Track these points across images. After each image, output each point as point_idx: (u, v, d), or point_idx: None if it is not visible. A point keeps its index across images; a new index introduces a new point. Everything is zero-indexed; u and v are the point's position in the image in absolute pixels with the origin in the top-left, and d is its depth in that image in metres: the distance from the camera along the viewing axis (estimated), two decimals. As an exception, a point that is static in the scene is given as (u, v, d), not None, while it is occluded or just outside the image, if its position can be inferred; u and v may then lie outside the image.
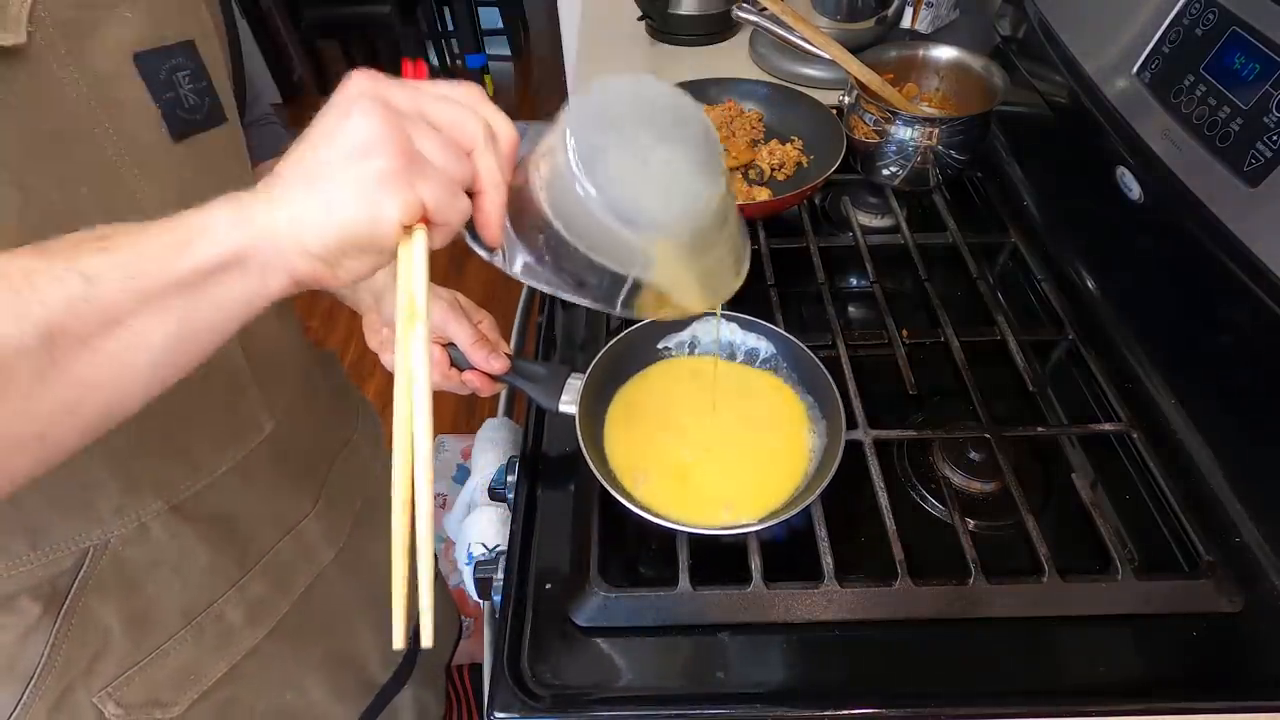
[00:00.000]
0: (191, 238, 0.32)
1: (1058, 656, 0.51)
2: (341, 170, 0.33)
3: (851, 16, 1.05)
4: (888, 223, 0.84)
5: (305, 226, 0.33)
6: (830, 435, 0.57)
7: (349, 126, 0.33)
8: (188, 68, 0.49)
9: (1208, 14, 0.57)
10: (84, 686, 0.55)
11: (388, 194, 0.33)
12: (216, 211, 0.33)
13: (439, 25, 3.16)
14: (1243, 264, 0.52)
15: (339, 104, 0.35)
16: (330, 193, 0.33)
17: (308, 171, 0.34)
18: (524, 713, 0.48)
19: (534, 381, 0.58)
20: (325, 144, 0.34)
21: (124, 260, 0.31)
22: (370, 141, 0.33)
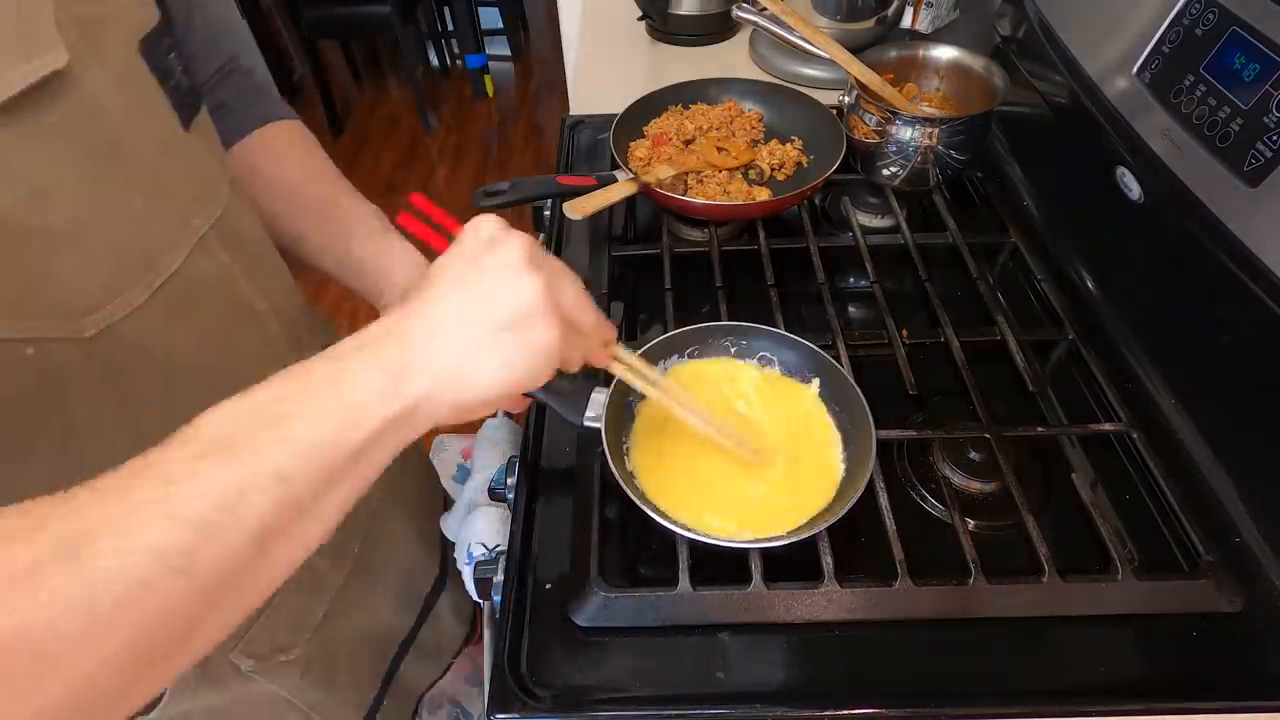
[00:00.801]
0: (360, 414, 0.33)
1: (1058, 656, 0.51)
2: (511, 338, 0.36)
3: (851, 16, 1.05)
4: (888, 223, 0.85)
5: (468, 388, 0.36)
6: (859, 461, 0.56)
7: (516, 293, 0.37)
8: (174, 45, 0.47)
9: (1208, 14, 0.57)
10: (219, 650, 0.60)
11: (550, 362, 0.38)
12: (370, 373, 0.34)
13: (439, 25, 3.17)
14: (1243, 264, 0.52)
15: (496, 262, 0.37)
16: (500, 360, 0.36)
17: (470, 332, 0.36)
18: (524, 713, 0.48)
19: (559, 395, 0.57)
20: (487, 306, 0.36)
21: (308, 453, 0.32)
22: (538, 312, 0.37)
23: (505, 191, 0.75)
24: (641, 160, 0.85)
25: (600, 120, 0.98)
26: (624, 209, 0.87)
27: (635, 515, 0.52)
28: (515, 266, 0.37)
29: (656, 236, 0.81)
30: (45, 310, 0.39)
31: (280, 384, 0.33)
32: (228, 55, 0.63)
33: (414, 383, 0.35)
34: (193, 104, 0.49)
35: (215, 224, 0.50)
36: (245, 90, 0.65)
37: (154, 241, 0.45)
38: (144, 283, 0.44)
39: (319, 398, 0.33)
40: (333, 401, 0.33)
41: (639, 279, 0.80)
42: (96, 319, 0.42)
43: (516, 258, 0.37)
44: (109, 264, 0.42)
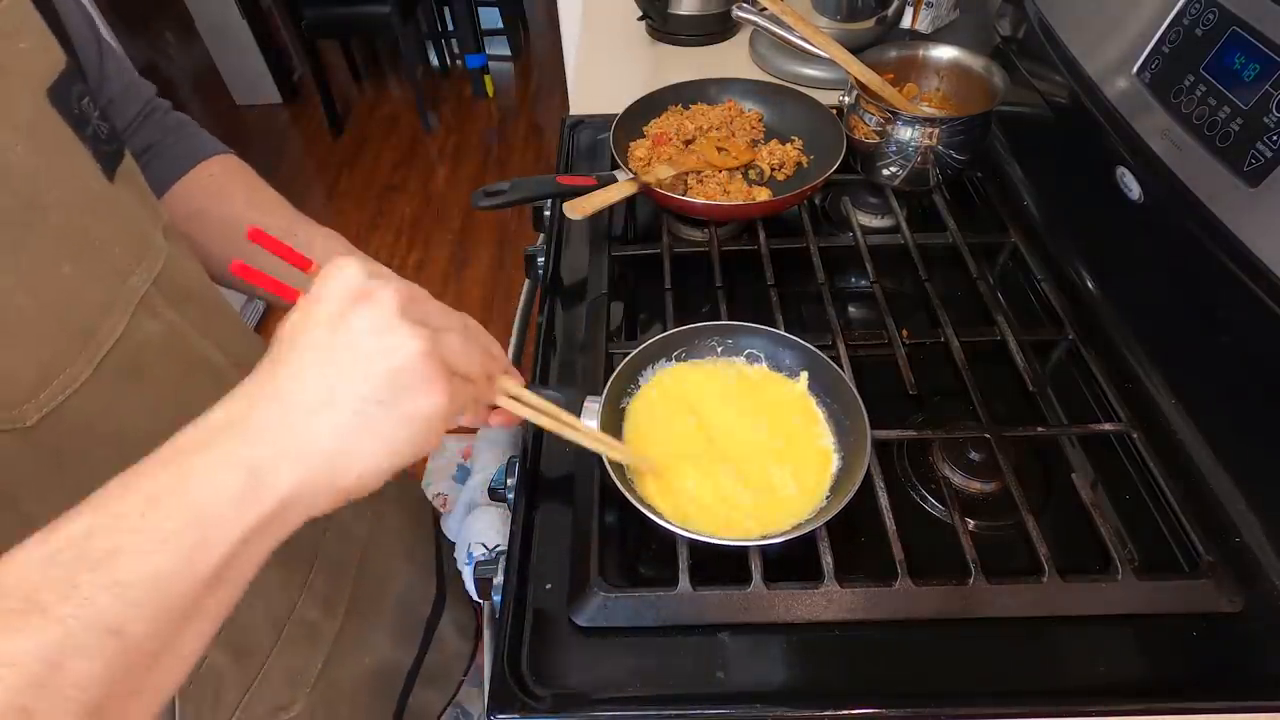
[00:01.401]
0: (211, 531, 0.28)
1: (1058, 656, 0.51)
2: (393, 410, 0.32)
3: (851, 16, 1.05)
4: (888, 223, 0.85)
5: (347, 473, 0.32)
6: (854, 452, 0.56)
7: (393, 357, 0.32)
8: (85, 92, 0.42)
9: (1208, 14, 0.57)
10: (215, 717, 0.56)
11: (440, 427, 0.33)
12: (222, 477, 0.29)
13: (439, 25, 3.17)
14: (1243, 264, 0.52)
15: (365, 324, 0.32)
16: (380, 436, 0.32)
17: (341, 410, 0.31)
18: (524, 713, 0.48)
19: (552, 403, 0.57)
20: (359, 376, 0.31)
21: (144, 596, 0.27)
22: (420, 376, 0.32)
23: (505, 191, 0.75)
24: (641, 160, 0.85)
25: (600, 120, 0.98)
26: (624, 209, 0.87)
27: (635, 515, 0.52)
28: (389, 326, 0.32)
29: (656, 236, 0.81)
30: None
31: (93, 511, 0.27)
32: (145, 97, 0.59)
33: (278, 479, 0.30)
34: (115, 151, 0.45)
35: (156, 279, 0.46)
36: (170, 129, 0.61)
37: (90, 309, 0.41)
38: (85, 356, 0.40)
39: (153, 518, 0.27)
40: (176, 525, 0.27)
41: (639, 279, 0.80)
42: (38, 404, 0.38)
43: (389, 314, 0.32)
44: (43, 341, 0.38)
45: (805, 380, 0.61)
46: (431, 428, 0.33)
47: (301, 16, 2.64)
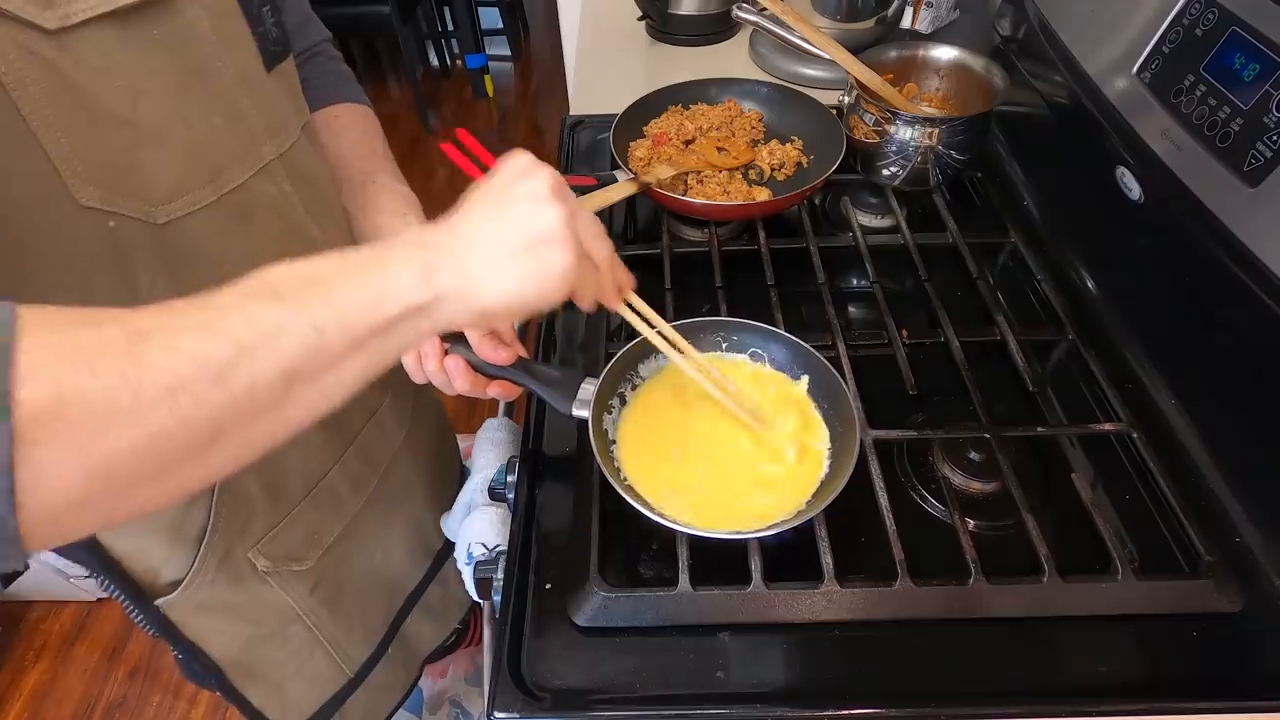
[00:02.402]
0: (389, 294, 0.37)
1: (1058, 656, 0.51)
2: (531, 256, 0.41)
3: (851, 16, 1.05)
4: (888, 223, 0.85)
5: (486, 293, 0.40)
6: (844, 445, 0.56)
7: (540, 218, 0.41)
8: (268, 2, 0.55)
9: (1208, 14, 0.57)
10: (240, 544, 0.67)
11: (563, 284, 0.42)
12: (405, 265, 0.38)
13: (439, 25, 3.16)
14: (1243, 264, 0.52)
15: (525, 191, 0.42)
16: (517, 273, 0.40)
17: (494, 247, 0.40)
18: (524, 713, 0.48)
19: (548, 385, 0.58)
20: (513, 226, 0.41)
21: (341, 314, 0.36)
22: (557, 237, 0.41)
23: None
24: (641, 160, 0.85)
25: (600, 120, 0.98)
26: (624, 209, 0.87)
27: (635, 515, 0.52)
28: (541, 195, 0.41)
29: (656, 236, 0.81)
30: (128, 192, 0.46)
31: (329, 260, 0.37)
32: (314, 40, 0.72)
33: (440, 280, 0.38)
34: (279, 52, 0.56)
35: (283, 155, 0.57)
36: (327, 74, 0.73)
37: (225, 155, 0.52)
38: (211, 187, 0.51)
39: (359, 275, 0.37)
40: (369, 280, 0.37)
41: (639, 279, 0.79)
42: (168, 209, 0.48)
43: (543, 188, 0.42)
44: (183, 164, 0.49)
45: (806, 382, 0.61)
46: (556, 279, 0.41)
47: (301, 16, 2.64)
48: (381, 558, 0.85)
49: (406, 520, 0.88)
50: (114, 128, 0.44)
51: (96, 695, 1.43)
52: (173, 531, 0.62)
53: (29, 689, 1.44)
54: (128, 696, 1.43)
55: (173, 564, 0.64)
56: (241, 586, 0.69)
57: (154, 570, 0.64)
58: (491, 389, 0.60)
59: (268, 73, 0.55)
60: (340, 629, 0.82)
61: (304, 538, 0.73)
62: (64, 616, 1.54)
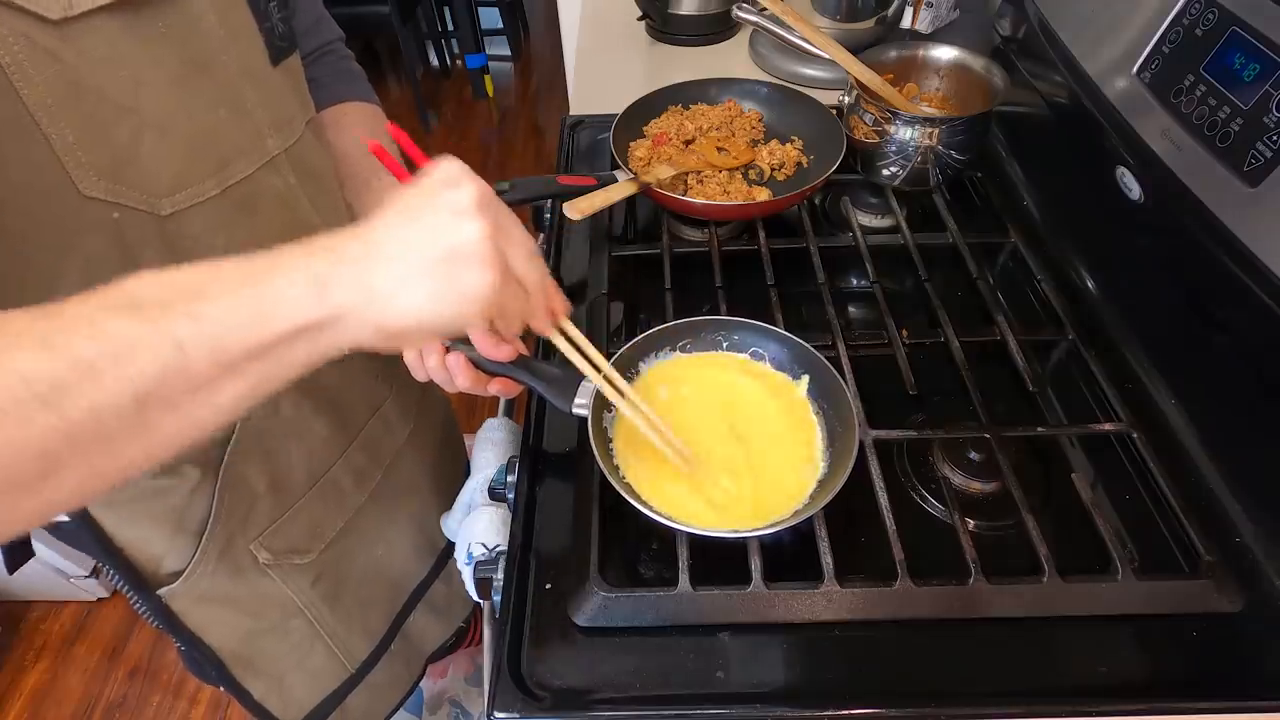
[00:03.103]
0: (273, 310, 0.34)
1: (1058, 656, 0.51)
2: (445, 273, 0.37)
3: (851, 16, 1.05)
4: (888, 223, 0.84)
5: (390, 311, 0.36)
6: (843, 442, 0.56)
7: (459, 232, 0.37)
8: None
9: (1208, 14, 0.57)
10: (242, 536, 0.67)
11: (481, 307, 0.38)
12: (296, 275, 0.35)
13: (439, 25, 3.16)
14: (1243, 264, 0.52)
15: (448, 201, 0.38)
16: (428, 291, 0.37)
17: (405, 259, 0.36)
18: (524, 713, 0.48)
19: (549, 382, 0.58)
20: (428, 238, 0.37)
21: (212, 331, 0.33)
22: (476, 254, 0.37)
23: (506, 191, 0.75)
24: (641, 160, 0.85)
25: (600, 120, 0.98)
26: (624, 209, 0.87)
27: (635, 515, 0.52)
28: (464, 207, 0.38)
29: (656, 236, 0.81)
30: (131, 182, 0.46)
31: (211, 268, 0.34)
32: (326, 39, 0.73)
33: (336, 295, 0.35)
34: (285, 48, 0.57)
35: (288, 150, 0.57)
36: (339, 72, 0.73)
37: (229, 148, 0.52)
38: (216, 179, 0.51)
39: (241, 287, 0.34)
40: (250, 293, 0.34)
41: (639, 279, 0.80)
42: (173, 201, 0.48)
43: (468, 199, 0.38)
44: (187, 156, 0.49)
45: (806, 383, 0.61)
46: (472, 300, 0.38)
47: (301, 16, 2.64)
48: (384, 553, 0.85)
49: (410, 516, 0.88)
50: (117, 118, 0.44)
51: (96, 695, 1.43)
52: (174, 522, 0.63)
53: (29, 689, 1.44)
54: (128, 696, 1.43)
55: (174, 554, 0.65)
56: (242, 578, 0.70)
57: (156, 560, 0.64)
58: (492, 386, 0.60)
59: (273, 67, 0.55)
60: (341, 624, 0.82)
61: (306, 531, 0.73)
62: (64, 616, 1.54)
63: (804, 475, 0.57)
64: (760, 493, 0.55)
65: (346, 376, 0.73)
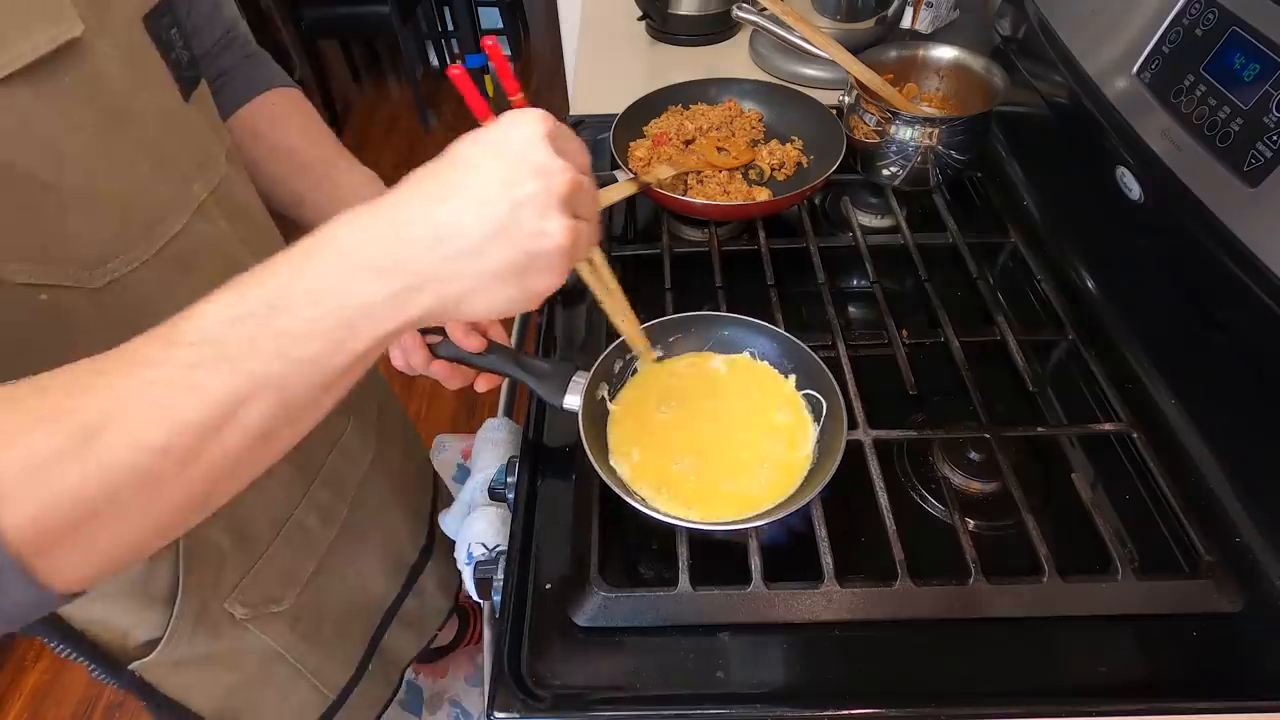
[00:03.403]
0: (356, 330, 0.33)
1: (1058, 656, 0.51)
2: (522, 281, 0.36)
3: (851, 16, 1.05)
4: (888, 223, 0.84)
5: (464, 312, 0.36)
6: (832, 432, 0.57)
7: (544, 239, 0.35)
8: (174, 23, 0.50)
9: (1208, 14, 0.57)
10: (214, 596, 0.65)
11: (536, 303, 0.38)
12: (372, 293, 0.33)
13: (439, 25, 3.16)
14: (1243, 264, 0.52)
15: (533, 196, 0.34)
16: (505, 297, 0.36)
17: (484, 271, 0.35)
18: (524, 713, 0.48)
19: (539, 377, 0.58)
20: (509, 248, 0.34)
21: (302, 363, 0.33)
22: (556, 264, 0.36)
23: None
24: (641, 160, 0.85)
25: (600, 120, 0.98)
26: (624, 209, 0.87)
27: (635, 514, 0.52)
28: (551, 212, 0.35)
29: (656, 236, 0.81)
30: (60, 260, 0.43)
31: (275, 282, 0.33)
32: (227, 25, 0.66)
33: (419, 300, 0.34)
34: (193, 77, 0.52)
35: (214, 191, 0.53)
36: (247, 58, 0.68)
37: (158, 204, 0.49)
38: (148, 241, 0.48)
39: (316, 311, 0.32)
40: (330, 316, 0.33)
41: (639, 279, 0.80)
42: (105, 271, 0.45)
43: (555, 201, 0.35)
44: (116, 222, 0.46)
45: (794, 379, 0.62)
46: (536, 300, 0.38)
47: (301, 16, 2.64)
48: (357, 582, 0.84)
49: (381, 539, 0.87)
50: (38, 195, 0.41)
51: (96, 695, 1.43)
52: (138, 593, 0.60)
53: (29, 689, 1.44)
54: (128, 697, 1.43)
55: (144, 626, 0.62)
56: (220, 638, 0.67)
57: (122, 635, 0.62)
58: (479, 383, 0.60)
59: (186, 102, 0.51)
60: (322, 658, 0.81)
61: (280, 578, 0.71)
62: (64, 616, 1.54)
63: (794, 468, 0.57)
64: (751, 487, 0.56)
65: None
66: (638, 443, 0.58)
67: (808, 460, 0.57)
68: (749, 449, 0.58)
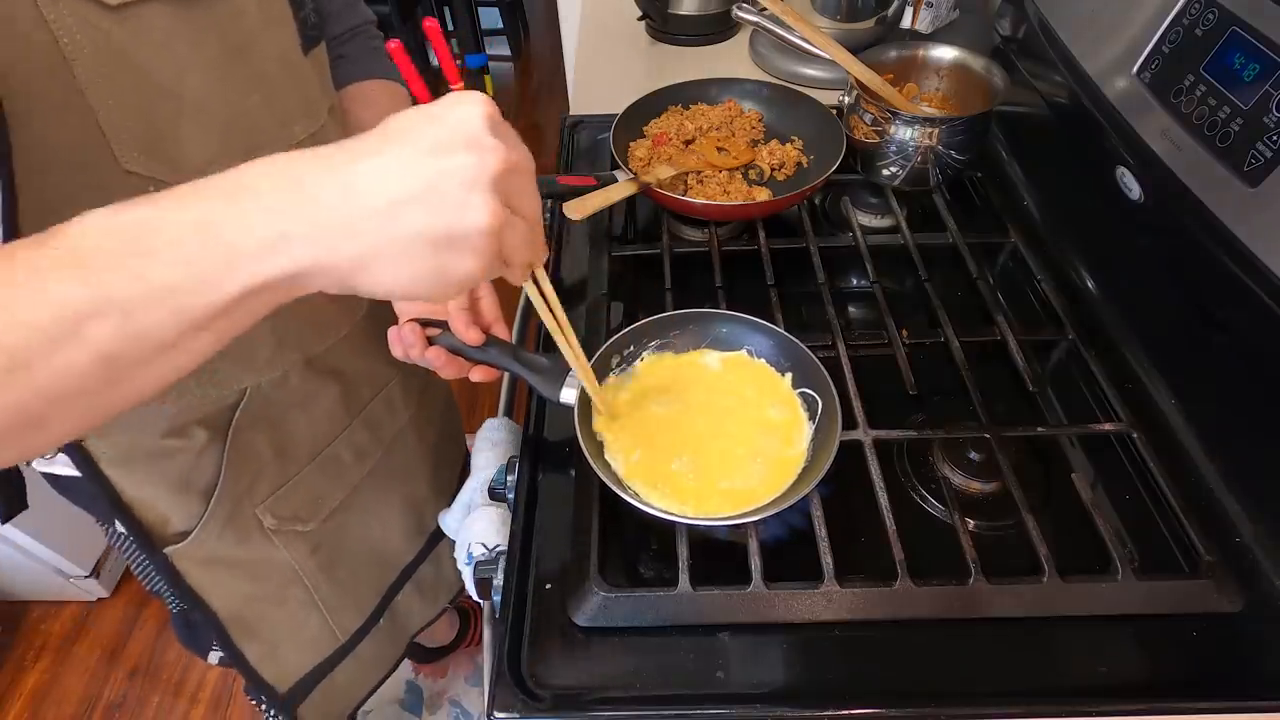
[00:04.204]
0: (226, 270, 0.31)
1: (1058, 656, 0.51)
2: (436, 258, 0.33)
3: (851, 16, 1.05)
4: (888, 223, 0.84)
5: (362, 278, 0.33)
6: (827, 430, 0.57)
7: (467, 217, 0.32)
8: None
9: (1208, 14, 0.57)
10: (248, 500, 0.70)
11: (455, 293, 0.35)
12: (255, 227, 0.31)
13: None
14: (1243, 264, 0.52)
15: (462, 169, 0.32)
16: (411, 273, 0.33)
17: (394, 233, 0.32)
18: (524, 713, 0.48)
19: (536, 372, 0.58)
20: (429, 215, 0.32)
21: (161, 295, 0.30)
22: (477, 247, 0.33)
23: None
24: (641, 160, 0.85)
25: (600, 120, 0.98)
26: (624, 209, 0.87)
27: (635, 514, 0.52)
28: (479, 187, 0.32)
29: (656, 236, 0.81)
30: (169, 159, 0.48)
31: (162, 205, 0.31)
32: (361, 20, 0.75)
33: (301, 252, 0.31)
34: (315, 37, 0.59)
35: (312, 135, 0.59)
36: (367, 51, 0.75)
37: (260, 133, 0.54)
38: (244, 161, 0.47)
39: (191, 241, 0.30)
40: (204, 250, 0.30)
41: (639, 279, 0.80)
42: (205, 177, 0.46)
43: (486, 178, 0.33)
44: (221, 138, 0.51)
45: (791, 377, 0.62)
46: (453, 287, 0.35)
47: (301, 16, 2.64)
48: (379, 531, 0.88)
49: (405, 499, 0.91)
50: (161, 100, 0.47)
51: (96, 695, 1.43)
52: (182, 483, 0.64)
53: (29, 689, 1.44)
54: (128, 696, 1.43)
55: (182, 514, 0.66)
56: (247, 542, 0.72)
57: (163, 519, 0.66)
58: (474, 374, 0.60)
59: (304, 55, 0.57)
60: (335, 595, 0.85)
61: (308, 500, 0.76)
62: (64, 616, 1.54)
63: (788, 465, 0.57)
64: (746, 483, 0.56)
65: (356, 355, 0.75)
66: (634, 437, 0.58)
67: (802, 457, 0.57)
68: (744, 445, 0.58)
